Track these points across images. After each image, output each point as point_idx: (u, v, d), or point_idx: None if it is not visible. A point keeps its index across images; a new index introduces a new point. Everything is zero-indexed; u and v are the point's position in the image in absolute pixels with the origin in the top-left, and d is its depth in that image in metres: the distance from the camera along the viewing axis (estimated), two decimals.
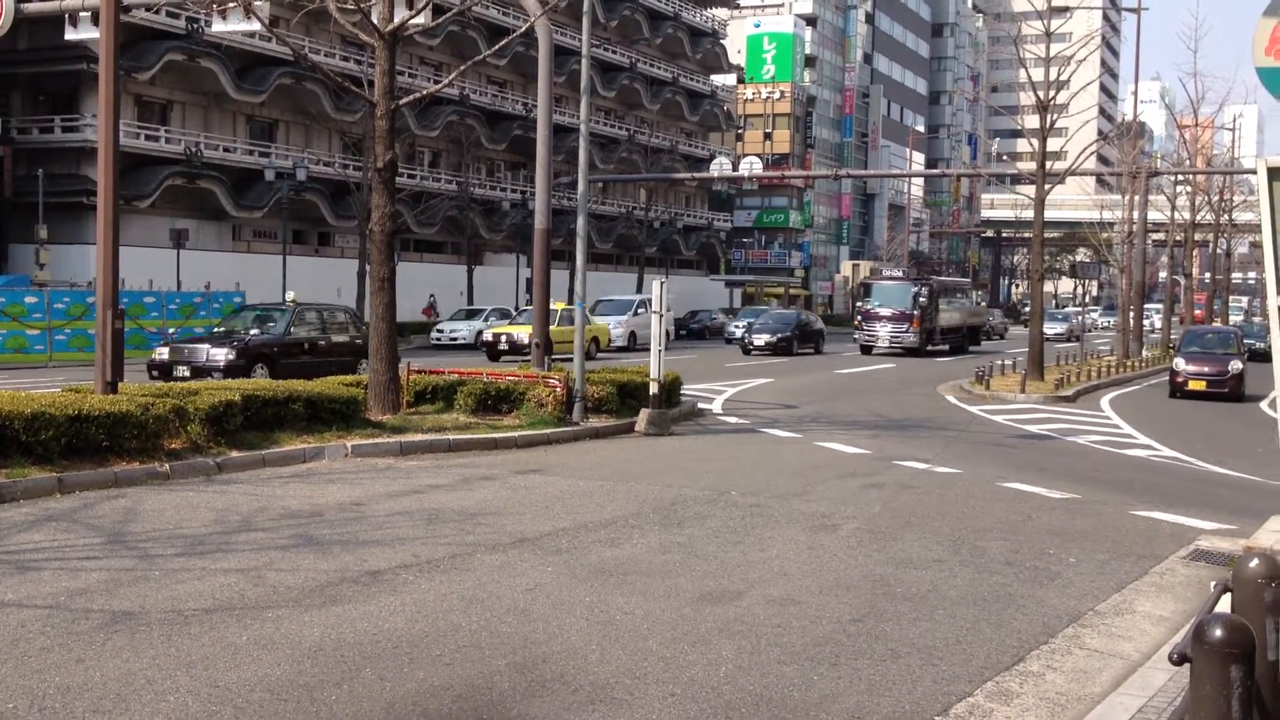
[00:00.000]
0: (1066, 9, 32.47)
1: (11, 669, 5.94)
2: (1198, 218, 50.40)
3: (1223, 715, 3.45)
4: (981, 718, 5.79)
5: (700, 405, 21.01)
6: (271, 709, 5.53)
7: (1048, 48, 29.66)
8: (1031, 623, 7.53)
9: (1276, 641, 3.84)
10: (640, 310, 43.18)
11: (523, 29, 18.52)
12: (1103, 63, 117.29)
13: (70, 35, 21.43)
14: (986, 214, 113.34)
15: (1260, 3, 9.66)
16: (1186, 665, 3.65)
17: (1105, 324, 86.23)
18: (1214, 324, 51.84)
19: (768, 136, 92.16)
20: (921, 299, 42.51)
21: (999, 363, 30.88)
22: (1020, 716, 5.83)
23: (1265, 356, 21.13)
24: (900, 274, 48.03)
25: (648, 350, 18.54)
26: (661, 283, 18.45)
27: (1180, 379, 27.42)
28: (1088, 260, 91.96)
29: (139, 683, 5.80)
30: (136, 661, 6.12)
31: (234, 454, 12.85)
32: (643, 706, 5.74)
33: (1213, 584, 4.57)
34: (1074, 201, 79.76)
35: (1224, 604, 4.18)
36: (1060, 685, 6.34)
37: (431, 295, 51.27)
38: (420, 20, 17.56)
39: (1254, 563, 3.98)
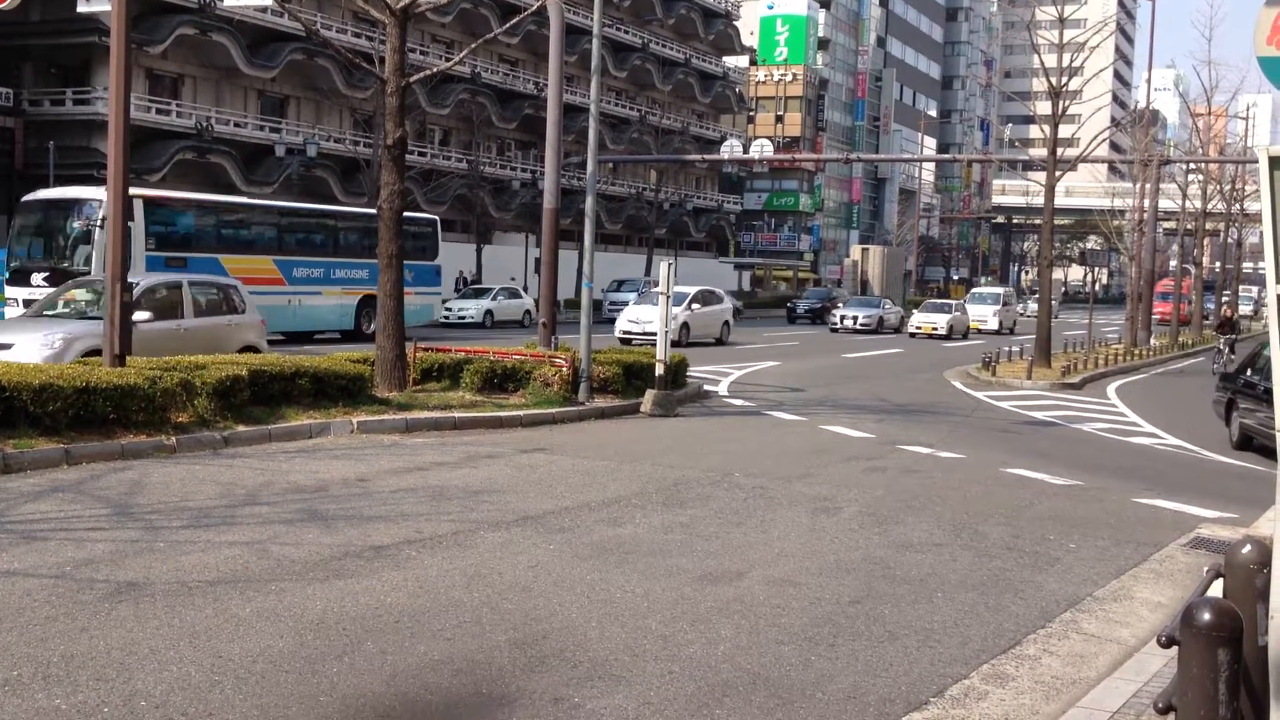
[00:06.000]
0: None
1: (16, 637, 6.00)
2: (1209, 207, 50.17)
3: (1209, 697, 3.49)
4: (976, 700, 5.83)
5: (707, 387, 21.03)
6: (273, 680, 5.58)
7: (1061, 34, 29.56)
8: (1029, 607, 7.56)
9: (1266, 626, 3.87)
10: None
11: (534, 7, 18.50)
12: (1117, 49, 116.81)
13: (82, 8, 21.48)
14: (998, 200, 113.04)
15: None
16: (1176, 648, 3.69)
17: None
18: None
19: (779, 119, 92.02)
20: None
21: (1006, 349, 30.87)
22: (1015, 699, 5.87)
23: None
24: None
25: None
26: (669, 264, 18.46)
27: None
28: (1098, 248, 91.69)
29: (142, 652, 5.86)
30: (140, 631, 6.18)
31: (240, 428, 12.91)
32: (640, 683, 5.79)
33: (1204, 569, 4.60)
34: (1085, 188, 79.58)
35: (1216, 589, 4.21)
36: (1056, 669, 6.38)
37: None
38: None
39: (1246, 549, 4.01)
